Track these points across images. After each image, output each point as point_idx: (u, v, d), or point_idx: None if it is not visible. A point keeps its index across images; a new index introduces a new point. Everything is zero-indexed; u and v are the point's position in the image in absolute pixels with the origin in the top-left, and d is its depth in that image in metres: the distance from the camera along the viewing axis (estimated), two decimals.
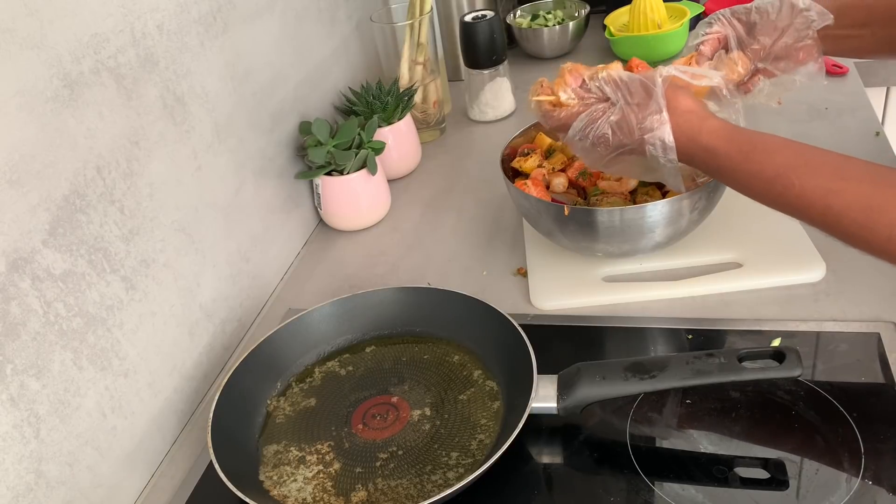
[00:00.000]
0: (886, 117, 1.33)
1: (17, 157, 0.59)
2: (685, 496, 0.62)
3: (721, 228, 0.89)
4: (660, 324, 0.80)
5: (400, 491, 0.66)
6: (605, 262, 0.88)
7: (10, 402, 0.58)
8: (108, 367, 0.68)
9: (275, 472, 0.70)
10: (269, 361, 0.79)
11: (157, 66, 0.75)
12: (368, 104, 1.10)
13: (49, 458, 0.62)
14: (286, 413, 0.76)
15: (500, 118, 1.28)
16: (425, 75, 1.20)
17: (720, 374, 0.64)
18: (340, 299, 0.83)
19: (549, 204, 0.82)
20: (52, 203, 0.62)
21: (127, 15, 0.71)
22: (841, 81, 1.19)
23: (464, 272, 0.94)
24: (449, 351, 0.80)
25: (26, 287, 0.60)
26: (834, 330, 0.75)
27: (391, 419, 0.74)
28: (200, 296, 0.82)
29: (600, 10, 1.48)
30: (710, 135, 0.67)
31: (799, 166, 0.62)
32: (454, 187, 1.13)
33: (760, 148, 0.65)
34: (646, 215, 0.78)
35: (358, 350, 0.83)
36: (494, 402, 0.73)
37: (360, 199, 1.04)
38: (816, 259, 0.83)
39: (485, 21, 1.19)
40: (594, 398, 0.67)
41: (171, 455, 0.77)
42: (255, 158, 0.93)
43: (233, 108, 0.88)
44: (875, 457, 0.62)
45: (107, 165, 0.68)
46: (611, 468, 0.66)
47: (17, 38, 0.58)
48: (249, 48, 0.92)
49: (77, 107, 0.65)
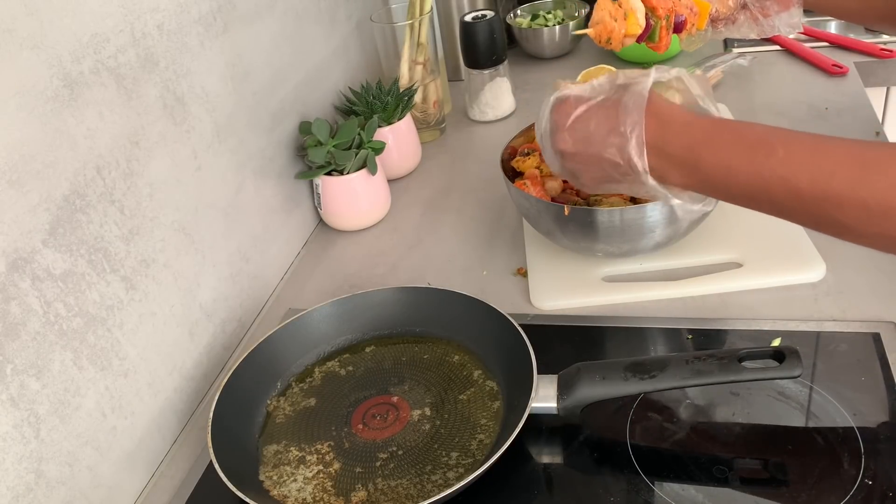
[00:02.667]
0: (886, 117, 1.33)
1: (17, 157, 0.59)
2: (685, 496, 0.62)
3: (721, 228, 0.89)
4: (660, 324, 0.80)
5: (400, 491, 0.66)
6: (605, 262, 0.88)
7: (10, 402, 0.58)
8: (108, 367, 0.68)
9: (275, 472, 0.70)
10: (269, 361, 0.79)
11: (157, 66, 0.75)
12: (368, 104, 1.10)
13: (49, 458, 0.62)
14: (286, 413, 0.76)
15: (500, 118, 1.28)
16: (425, 75, 1.20)
17: (720, 374, 0.64)
18: (340, 299, 0.83)
19: (549, 204, 0.82)
20: (52, 203, 0.62)
21: (127, 15, 0.71)
22: (841, 81, 1.20)
23: (464, 272, 0.94)
24: (449, 351, 0.80)
25: (26, 287, 0.60)
26: (834, 330, 0.75)
27: (391, 419, 0.74)
28: (200, 296, 0.82)
29: None
30: (686, 115, 0.65)
31: (781, 135, 0.60)
32: (454, 187, 1.13)
33: (741, 123, 0.64)
34: (646, 215, 0.78)
35: (358, 350, 0.83)
36: (494, 402, 0.73)
37: (360, 199, 1.04)
38: (816, 259, 0.83)
39: (485, 21, 1.19)
40: (594, 398, 0.67)
41: (171, 455, 0.77)
42: (255, 158, 0.93)
43: (233, 108, 0.88)
44: (875, 457, 0.62)
45: (107, 165, 0.68)
46: (611, 468, 0.66)
47: (17, 38, 0.58)
48: (249, 48, 0.92)
49: (77, 107, 0.65)
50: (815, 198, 0.57)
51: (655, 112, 0.65)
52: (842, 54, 1.26)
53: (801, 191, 0.58)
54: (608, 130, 0.67)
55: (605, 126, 0.67)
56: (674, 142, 0.64)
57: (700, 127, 0.64)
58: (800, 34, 1.32)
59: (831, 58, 1.24)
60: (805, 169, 0.57)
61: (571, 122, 0.69)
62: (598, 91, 0.69)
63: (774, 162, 0.59)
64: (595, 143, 0.68)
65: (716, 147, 0.63)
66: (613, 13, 0.84)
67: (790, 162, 0.58)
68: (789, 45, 1.30)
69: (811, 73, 1.23)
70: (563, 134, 0.70)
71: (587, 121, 0.68)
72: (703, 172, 0.64)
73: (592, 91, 0.69)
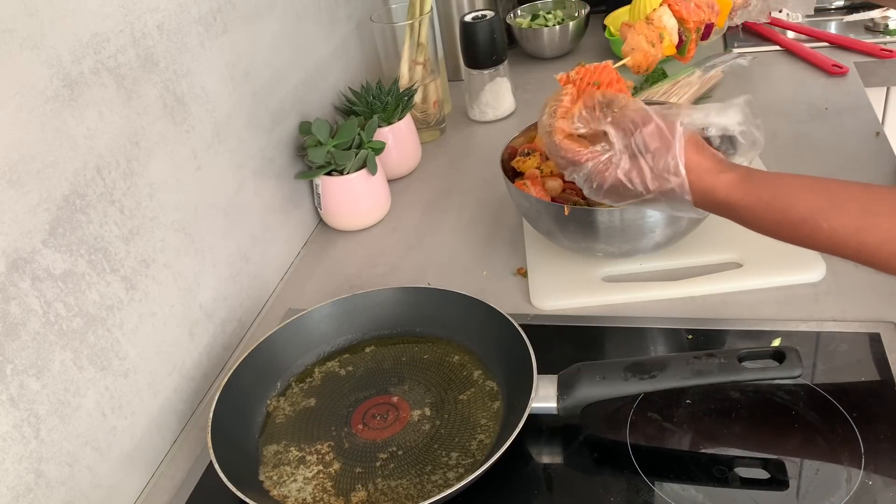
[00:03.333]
0: (886, 117, 1.33)
1: (17, 157, 0.59)
2: (685, 496, 0.62)
3: (721, 228, 0.88)
4: (660, 324, 0.80)
5: (400, 491, 0.66)
6: (605, 262, 0.88)
7: (10, 402, 0.58)
8: (108, 367, 0.68)
9: (275, 472, 0.70)
10: (269, 361, 0.79)
11: (157, 66, 0.75)
12: (368, 104, 1.10)
13: (49, 458, 0.62)
14: (286, 413, 0.76)
15: (500, 118, 1.28)
16: (425, 75, 1.20)
17: (720, 374, 0.64)
18: (340, 299, 0.83)
19: (549, 204, 0.82)
20: (52, 203, 0.62)
21: (127, 15, 0.71)
22: (841, 81, 1.20)
23: (464, 272, 0.94)
24: (449, 351, 0.80)
25: (26, 287, 0.60)
26: (834, 330, 0.75)
27: (391, 419, 0.74)
28: (200, 296, 0.82)
29: (600, 10, 1.49)
30: (727, 188, 0.64)
31: (825, 209, 0.60)
32: (454, 187, 1.13)
33: (782, 195, 0.62)
34: (646, 215, 0.78)
35: (358, 350, 0.83)
36: (494, 402, 0.73)
37: (360, 199, 1.04)
38: (816, 259, 0.83)
39: (485, 21, 1.19)
40: (594, 398, 0.67)
41: (171, 455, 0.77)
42: (255, 158, 0.93)
43: (233, 108, 0.88)
44: (875, 457, 0.62)
45: (107, 165, 0.68)
46: (611, 468, 0.66)
47: (17, 38, 0.58)
48: (249, 48, 0.92)
49: (77, 107, 0.65)
50: (863, 261, 0.61)
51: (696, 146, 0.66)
52: (842, 54, 1.26)
53: (849, 257, 0.61)
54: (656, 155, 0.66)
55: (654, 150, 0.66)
56: (717, 188, 0.65)
57: (738, 189, 0.64)
58: (799, 35, 1.33)
59: (831, 58, 1.24)
60: (851, 242, 0.59)
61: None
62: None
63: (822, 238, 0.61)
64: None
65: (757, 217, 0.64)
66: (649, 37, 0.80)
67: (835, 238, 0.60)
68: (789, 45, 1.30)
69: (811, 73, 1.23)
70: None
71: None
72: (744, 225, 0.67)
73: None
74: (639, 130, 0.66)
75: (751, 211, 0.64)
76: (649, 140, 0.65)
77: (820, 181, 0.62)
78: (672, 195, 0.66)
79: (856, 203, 0.60)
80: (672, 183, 0.65)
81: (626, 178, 0.67)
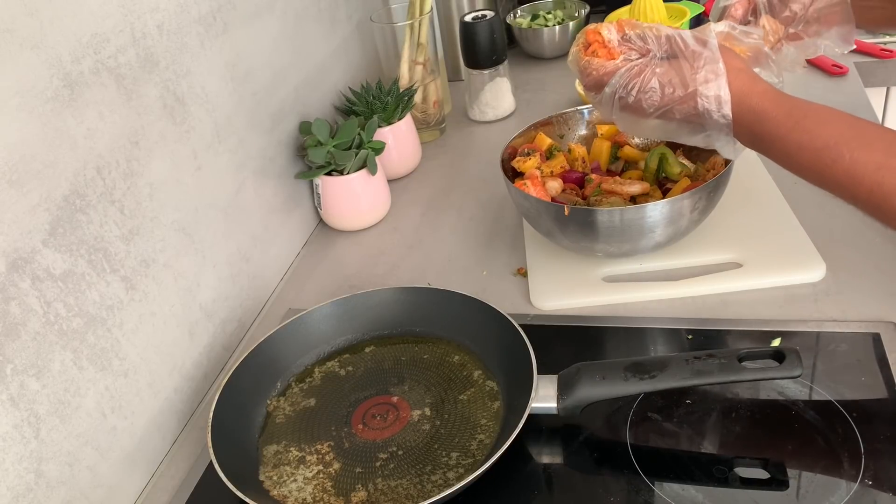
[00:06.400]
0: (886, 117, 1.33)
1: (17, 157, 0.59)
2: (685, 496, 0.62)
3: (721, 228, 0.89)
4: (660, 324, 0.80)
5: (400, 491, 0.66)
6: (605, 262, 0.88)
7: (10, 402, 0.58)
8: (108, 367, 0.68)
9: (275, 472, 0.70)
10: (269, 361, 0.79)
11: (157, 66, 0.75)
12: (368, 104, 1.10)
13: (49, 458, 0.62)
14: (286, 413, 0.76)
15: (500, 118, 1.28)
16: (425, 75, 1.20)
17: (720, 374, 0.64)
18: (340, 299, 0.83)
19: (549, 204, 0.82)
20: (52, 203, 0.62)
21: (127, 15, 0.71)
22: (841, 81, 1.19)
23: (464, 272, 0.94)
24: (449, 351, 0.80)
25: (26, 287, 0.60)
26: (834, 330, 0.75)
27: (391, 419, 0.74)
28: (200, 296, 0.82)
29: (600, 10, 1.49)
30: (761, 97, 0.64)
31: (851, 139, 0.60)
32: (454, 187, 1.13)
33: (812, 116, 0.62)
34: (646, 215, 0.78)
35: (358, 350, 0.83)
36: (494, 402, 0.73)
37: (360, 199, 1.04)
38: (816, 259, 0.83)
39: (485, 21, 1.19)
40: (594, 398, 0.67)
41: (171, 455, 0.77)
42: (255, 158, 0.93)
43: (233, 108, 0.88)
44: (875, 457, 0.62)
45: (107, 165, 0.68)
46: (611, 468, 0.66)
47: (17, 38, 0.58)
48: (249, 48, 0.92)
49: (77, 107, 0.65)
50: (872, 205, 0.60)
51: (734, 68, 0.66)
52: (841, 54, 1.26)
53: (859, 198, 0.60)
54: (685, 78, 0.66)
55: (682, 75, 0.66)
56: (753, 94, 0.65)
57: (772, 99, 0.64)
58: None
59: (831, 58, 1.24)
60: (867, 180, 0.59)
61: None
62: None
63: (839, 170, 0.60)
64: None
65: (782, 135, 0.63)
66: None
67: (853, 171, 0.59)
68: None
69: (811, 73, 1.23)
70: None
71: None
72: (765, 146, 0.66)
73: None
74: (678, 34, 0.67)
75: (779, 125, 0.63)
76: (689, 40, 0.66)
77: (852, 117, 0.62)
78: (707, 96, 0.65)
79: (882, 143, 0.60)
80: (711, 80, 0.65)
81: (664, 78, 0.67)
